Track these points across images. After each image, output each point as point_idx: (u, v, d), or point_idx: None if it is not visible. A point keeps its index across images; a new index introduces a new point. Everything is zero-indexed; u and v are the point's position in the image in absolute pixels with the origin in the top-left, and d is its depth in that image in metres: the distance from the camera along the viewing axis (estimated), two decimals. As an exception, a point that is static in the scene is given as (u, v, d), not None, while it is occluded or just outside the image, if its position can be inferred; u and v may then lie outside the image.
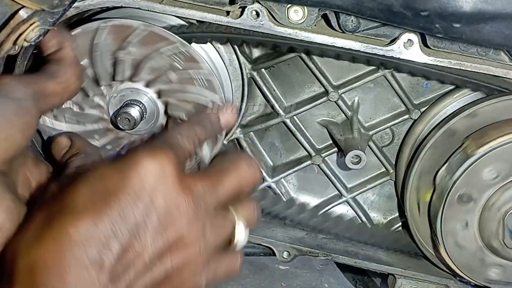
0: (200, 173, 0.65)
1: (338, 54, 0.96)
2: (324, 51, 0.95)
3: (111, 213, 0.56)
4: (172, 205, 0.59)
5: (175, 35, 0.91)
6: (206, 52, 0.99)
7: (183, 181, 0.60)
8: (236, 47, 1.05)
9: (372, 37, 0.97)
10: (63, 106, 0.93)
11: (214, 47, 1.04)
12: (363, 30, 0.95)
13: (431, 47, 0.96)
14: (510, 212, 0.98)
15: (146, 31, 0.90)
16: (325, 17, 0.95)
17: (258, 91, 1.11)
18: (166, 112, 0.95)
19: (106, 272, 0.54)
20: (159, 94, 0.94)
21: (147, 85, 0.93)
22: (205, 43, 0.99)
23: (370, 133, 1.13)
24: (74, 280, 0.53)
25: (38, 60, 0.82)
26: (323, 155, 1.15)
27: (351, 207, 1.20)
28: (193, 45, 0.94)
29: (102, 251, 0.54)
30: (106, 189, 0.57)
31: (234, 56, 1.07)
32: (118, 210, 0.56)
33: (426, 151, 1.02)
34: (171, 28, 0.95)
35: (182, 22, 0.99)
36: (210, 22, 0.93)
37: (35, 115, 0.70)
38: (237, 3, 0.92)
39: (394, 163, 1.16)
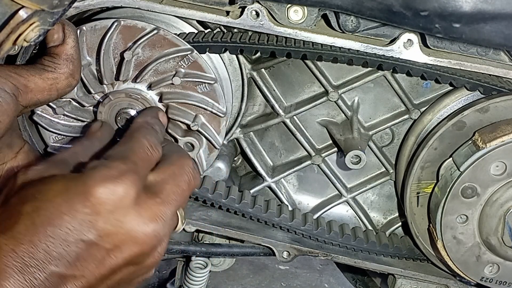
0: (159, 192, 0.64)
1: (336, 57, 0.96)
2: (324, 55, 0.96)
3: (53, 242, 0.56)
4: (140, 235, 0.60)
5: (185, 42, 0.92)
6: (208, 55, 0.99)
7: (148, 210, 0.61)
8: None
9: (372, 37, 0.97)
10: (63, 100, 0.93)
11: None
12: (363, 30, 0.95)
13: (431, 47, 0.96)
14: (512, 210, 0.99)
15: (156, 35, 0.90)
16: (325, 17, 0.95)
17: (258, 91, 1.11)
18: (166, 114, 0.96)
19: None
20: (161, 96, 0.94)
21: (150, 86, 0.93)
22: (222, 53, 0.99)
23: (370, 133, 1.13)
24: None
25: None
26: (323, 155, 1.15)
27: (351, 207, 1.20)
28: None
29: (37, 272, 0.55)
30: (51, 214, 0.57)
31: (234, 56, 1.07)
32: (61, 238, 0.56)
33: (433, 141, 1.01)
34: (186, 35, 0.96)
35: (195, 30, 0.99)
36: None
37: (7, 109, 0.70)
38: (237, 3, 0.92)
39: (394, 163, 1.16)
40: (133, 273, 0.63)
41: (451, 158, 1.01)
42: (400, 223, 1.20)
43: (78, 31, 0.88)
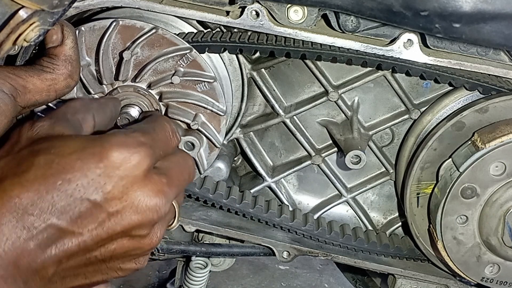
0: (166, 174, 0.65)
1: (335, 57, 0.96)
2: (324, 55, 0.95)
3: (59, 195, 0.57)
4: (142, 206, 0.61)
5: (183, 41, 0.92)
6: (208, 54, 0.99)
7: (154, 185, 0.61)
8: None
9: (372, 37, 0.97)
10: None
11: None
12: (363, 30, 0.95)
13: (431, 47, 0.96)
14: (512, 210, 0.98)
15: (155, 34, 0.90)
16: (325, 17, 0.95)
17: (258, 91, 1.11)
18: (166, 114, 0.96)
19: (34, 240, 0.56)
20: (161, 96, 0.94)
21: (149, 86, 0.93)
22: (221, 52, 0.99)
23: (370, 133, 1.13)
24: (3, 237, 0.55)
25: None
26: (323, 155, 1.15)
27: (351, 207, 1.20)
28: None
29: (37, 221, 0.56)
30: (64, 169, 0.58)
31: (234, 56, 1.07)
32: (68, 193, 0.57)
33: (433, 142, 1.01)
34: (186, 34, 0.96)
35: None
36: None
37: (5, 110, 0.70)
38: (237, 3, 0.92)
39: (394, 163, 1.16)
40: (128, 250, 0.64)
41: (450, 159, 1.01)
42: (400, 223, 1.20)
43: (77, 32, 0.88)
